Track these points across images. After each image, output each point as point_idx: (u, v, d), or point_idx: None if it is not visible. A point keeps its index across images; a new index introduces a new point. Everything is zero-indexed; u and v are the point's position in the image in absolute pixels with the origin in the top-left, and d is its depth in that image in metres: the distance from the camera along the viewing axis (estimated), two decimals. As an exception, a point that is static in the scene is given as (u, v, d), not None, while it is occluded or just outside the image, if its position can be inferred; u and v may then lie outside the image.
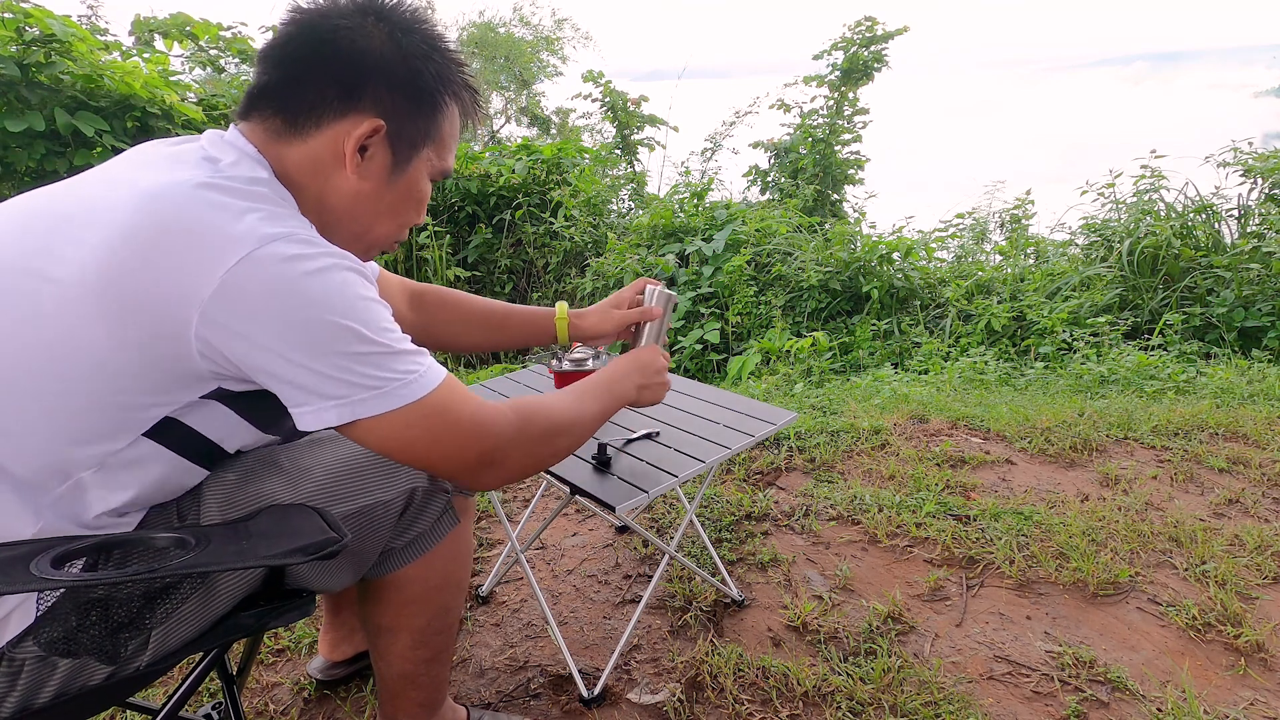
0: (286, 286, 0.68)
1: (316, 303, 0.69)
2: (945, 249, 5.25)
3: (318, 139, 0.80)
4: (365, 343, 0.71)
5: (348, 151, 0.80)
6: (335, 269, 0.72)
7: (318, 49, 0.78)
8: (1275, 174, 4.23)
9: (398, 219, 0.88)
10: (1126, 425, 2.42)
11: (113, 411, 0.71)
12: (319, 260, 0.71)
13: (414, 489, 0.91)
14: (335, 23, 0.78)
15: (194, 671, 0.83)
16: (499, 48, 15.69)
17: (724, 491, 2.06)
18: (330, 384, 0.71)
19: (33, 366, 0.68)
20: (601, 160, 5.96)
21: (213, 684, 1.34)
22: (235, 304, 0.67)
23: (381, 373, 0.72)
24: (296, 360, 0.69)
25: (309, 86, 0.78)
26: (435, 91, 0.83)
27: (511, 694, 1.34)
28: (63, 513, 0.73)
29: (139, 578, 0.66)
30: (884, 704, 1.26)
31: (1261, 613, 1.48)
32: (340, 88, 0.78)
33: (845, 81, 6.38)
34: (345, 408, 0.72)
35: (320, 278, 0.70)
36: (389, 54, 0.79)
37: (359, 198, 0.83)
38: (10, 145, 3.57)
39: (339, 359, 0.70)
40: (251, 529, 0.77)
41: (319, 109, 0.79)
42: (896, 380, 3.23)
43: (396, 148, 0.83)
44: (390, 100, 0.80)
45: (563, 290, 4.89)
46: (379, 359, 0.72)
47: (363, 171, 0.81)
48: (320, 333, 0.69)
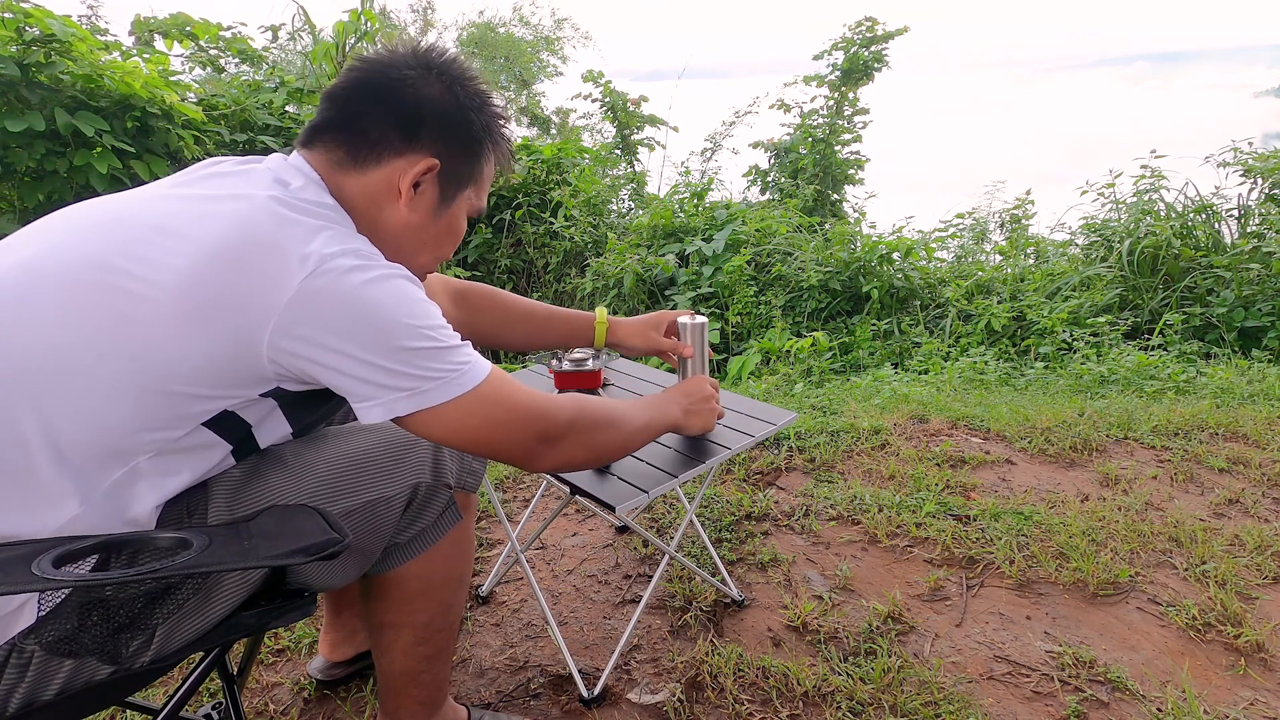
0: (353, 294, 0.76)
1: (380, 306, 0.77)
2: (945, 249, 5.25)
3: (377, 173, 0.88)
4: (424, 339, 0.79)
5: (403, 187, 0.88)
6: (392, 277, 0.80)
7: (382, 95, 0.88)
8: (1275, 174, 4.23)
9: (436, 250, 0.97)
10: (1126, 425, 2.42)
11: (180, 401, 0.76)
12: (378, 270, 0.79)
13: (417, 484, 0.92)
14: (400, 73, 0.88)
15: (195, 671, 0.83)
16: (499, 48, 15.68)
17: (724, 491, 2.06)
18: (396, 378, 0.78)
19: (108, 354, 0.72)
20: (601, 160, 5.96)
21: (213, 684, 1.34)
22: (308, 311, 0.75)
23: (440, 365, 0.80)
24: (364, 358, 0.77)
25: (373, 126, 0.87)
26: (482, 139, 0.93)
27: (511, 694, 1.34)
28: (111, 503, 0.75)
29: (140, 578, 0.66)
30: (884, 704, 1.26)
31: (1261, 613, 1.48)
32: (401, 129, 0.87)
33: (845, 81, 6.38)
34: (412, 399, 0.79)
35: (381, 285, 0.78)
36: (445, 102, 0.89)
37: (407, 228, 0.91)
38: (10, 145, 3.57)
39: (403, 354, 0.78)
40: (254, 529, 0.77)
41: (381, 147, 0.87)
42: (896, 380, 3.23)
43: (445, 186, 0.92)
44: (443, 143, 0.90)
45: (563, 290, 4.89)
46: (437, 353, 0.80)
47: (414, 205, 0.90)
48: (385, 332, 0.77)
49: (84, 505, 0.74)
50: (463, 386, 0.81)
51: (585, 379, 1.55)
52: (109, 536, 0.73)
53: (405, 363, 0.78)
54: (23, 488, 0.72)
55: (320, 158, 0.88)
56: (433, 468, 0.95)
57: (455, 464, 0.98)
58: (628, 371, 1.76)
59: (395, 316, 0.78)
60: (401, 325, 0.78)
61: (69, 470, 0.73)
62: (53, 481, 0.72)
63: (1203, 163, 4.53)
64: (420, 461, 0.93)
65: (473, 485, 1.01)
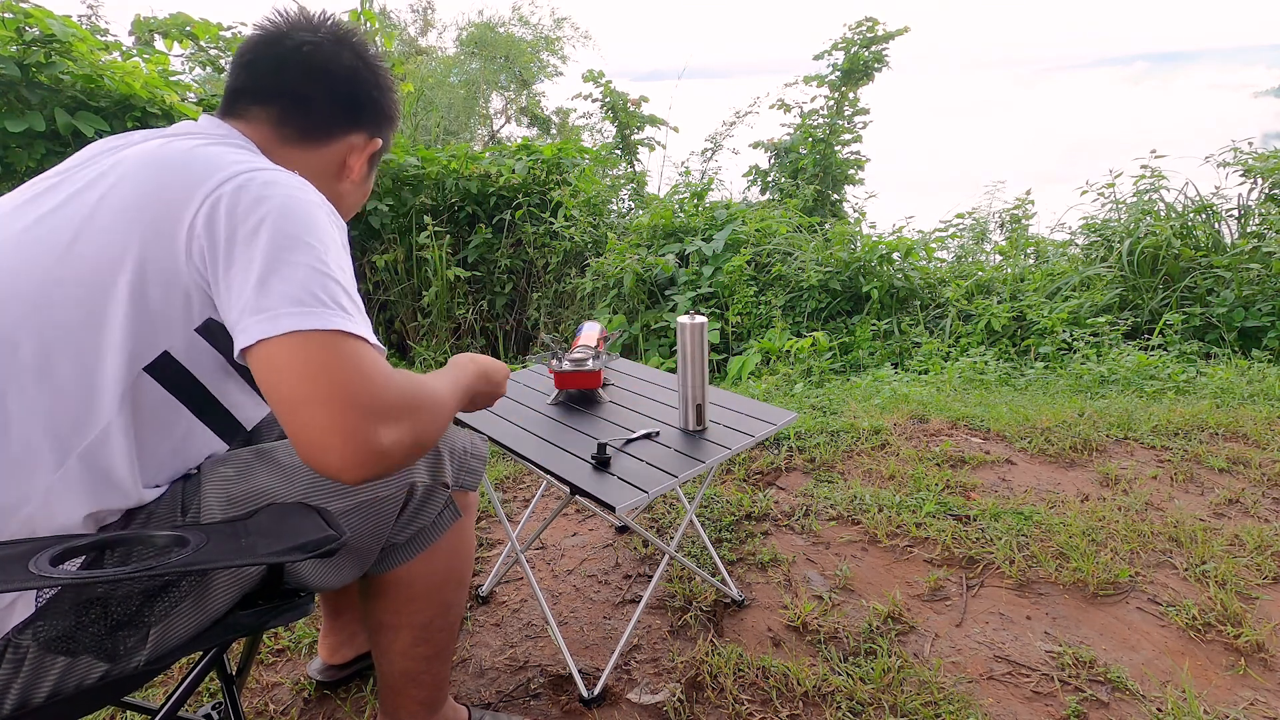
0: (273, 202, 0.76)
1: (294, 219, 0.76)
2: (945, 249, 5.24)
3: (327, 150, 0.96)
4: (322, 263, 0.75)
5: (354, 163, 0.99)
6: (320, 208, 0.81)
7: (318, 75, 0.93)
8: (1275, 174, 4.23)
9: (355, 210, 1.08)
10: (1126, 425, 2.42)
11: (116, 335, 0.74)
12: (308, 194, 0.80)
13: (413, 484, 0.92)
14: (331, 56, 0.94)
15: (193, 671, 0.83)
16: (498, 47, 15.68)
17: (724, 491, 2.06)
18: (268, 295, 0.72)
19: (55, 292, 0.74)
20: (601, 160, 5.95)
21: (212, 684, 1.34)
22: (227, 206, 0.75)
23: (323, 295, 0.73)
24: (252, 265, 0.73)
25: (319, 107, 0.94)
26: (395, 117, 1.04)
27: (511, 694, 1.34)
28: (91, 464, 0.74)
29: (137, 575, 0.66)
30: (884, 704, 1.26)
31: (1261, 613, 1.48)
32: (347, 112, 0.96)
33: (846, 81, 6.37)
34: (270, 321, 0.70)
35: (304, 206, 0.79)
36: (371, 84, 0.98)
37: (343, 196, 1.01)
38: (10, 145, 3.57)
39: (294, 270, 0.73)
40: (250, 527, 0.77)
41: (331, 126, 0.95)
42: (896, 380, 3.23)
43: (372, 160, 1.03)
44: (376, 123, 1.00)
45: (563, 290, 4.89)
46: (327, 283, 0.74)
47: (353, 178, 1.00)
48: (286, 243, 0.74)
49: (60, 468, 0.73)
50: (327, 322, 0.71)
51: (585, 379, 1.55)
52: (108, 536, 0.73)
53: (287, 279, 0.72)
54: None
55: (261, 131, 0.91)
56: (430, 467, 0.94)
57: (453, 463, 0.97)
58: (628, 371, 1.76)
59: (305, 235, 0.75)
60: (306, 245, 0.75)
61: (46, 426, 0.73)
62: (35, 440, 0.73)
63: (1203, 163, 4.52)
64: (420, 461, 0.93)
65: (471, 484, 1.01)
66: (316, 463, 0.70)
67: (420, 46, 15.88)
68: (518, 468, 2.30)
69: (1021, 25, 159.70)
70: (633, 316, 4.38)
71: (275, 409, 0.71)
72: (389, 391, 0.73)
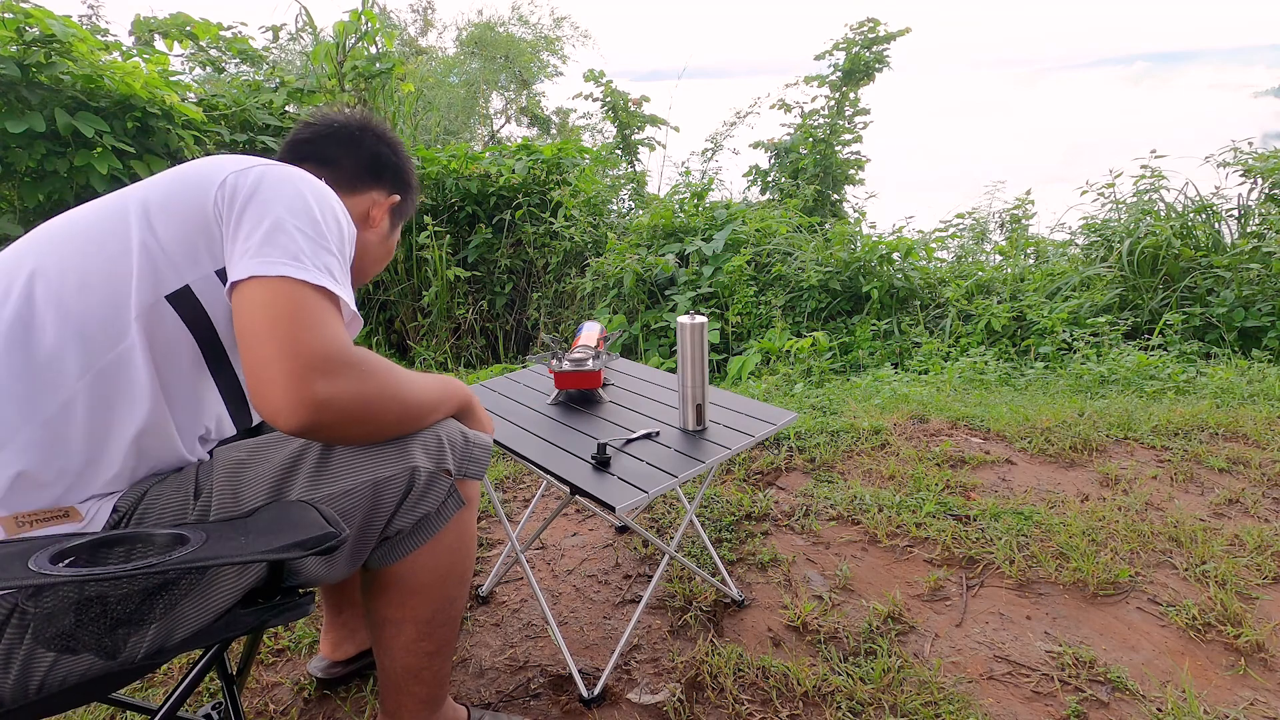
0: (296, 179, 0.90)
1: (309, 194, 0.88)
2: (945, 249, 5.24)
3: (352, 200, 1.12)
4: (317, 231, 0.86)
5: (376, 214, 1.15)
6: (336, 200, 0.93)
7: (347, 141, 1.14)
8: (1275, 174, 4.23)
9: (379, 266, 1.21)
10: (1126, 425, 2.42)
11: (157, 257, 0.85)
12: (328, 188, 0.94)
13: (415, 468, 0.91)
14: (357, 128, 1.16)
15: (193, 671, 0.83)
16: (498, 47, 15.68)
17: (724, 491, 2.06)
18: (269, 246, 0.81)
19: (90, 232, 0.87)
20: (602, 160, 5.95)
21: (212, 684, 1.34)
22: (256, 175, 0.89)
23: (315, 258, 0.83)
24: (260, 218, 0.84)
25: (349, 164, 1.13)
26: (413, 185, 1.23)
27: (511, 694, 1.34)
28: (110, 378, 0.82)
29: (137, 573, 0.66)
30: (884, 704, 1.26)
31: (1261, 613, 1.48)
32: (371, 170, 1.15)
33: (846, 82, 6.38)
34: (264, 264, 0.80)
35: (322, 190, 0.92)
36: (390, 154, 1.17)
37: (366, 248, 1.14)
38: (10, 146, 3.57)
39: (294, 233, 0.83)
40: (250, 525, 0.77)
41: (356, 180, 1.13)
42: (896, 380, 3.23)
43: (393, 218, 1.20)
44: (395, 185, 1.18)
45: (563, 290, 4.89)
46: (321, 252, 0.84)
47: (376, 230, 1.15)
48: (295, 206, 0.85)
49: (87, 370, 0.81)
50: (308, 274, 0.81)
51: (585, 379, 1.55)
52: (107, 535, 0.73)
53: (292, 238, 0.82)
54: None
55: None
56: (432, 453, 0.94)
57: (456, 451, 0.97)
58: (628, 371, 1.76)
59: (313, 207, 0.87)
60: (312, 214, 0.86)
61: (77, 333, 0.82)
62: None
63: (1203, 163, 4.52)
64: (421, 446, 0.93)
65: (476, 473, 0.99)
66: (259, 400, 0.78)
67: (420, 46, 15.88)
68: (518, 468, 2.30)
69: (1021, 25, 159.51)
70: (633, 316, 4.38)
71: (239, 341, 0.79)
72: (336, 347, 0.80)
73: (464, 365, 4.86)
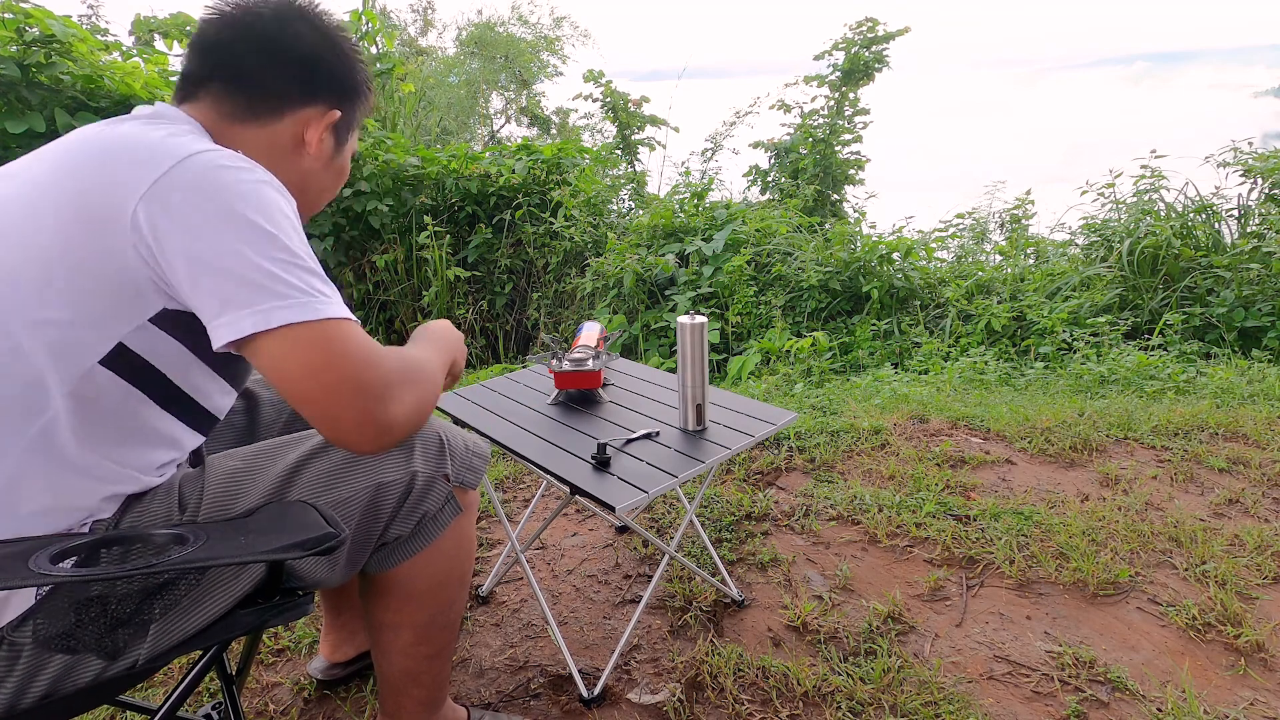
0: (218, 187, 0.74)
1: (245, 203, 0.74)
2: (945, 249, 5.24)
3: (279, 125, 0.90)
4: (285, 251, 0.74)
5: (311, 138, 0.93)
6: (268, 186, 0.77)
7: (269, 47, 0.89)
8: (1275, 174, 4.23)
9: (331, 193, 1.02)
10: (1126, 425, 2.42)
11: (69, 331, 0.73)
12: (254, 174, 0.77)
13: (414, 472, 0.92)
14: (278, 25, 0.89)
15: (192, 671, 0.83)
16: (498, 47, 15.69)
17: (724, 491, 2.06)
18: (247, 289, 0.71)
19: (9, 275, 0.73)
20: (602, 160, 5.95)
21: (212, 684, 1.34)
22: (169, 197, 0.72)
23: (298, 282, 0.74)
24: (217, 261, 0.72)
25: (270, 80, 0.89)
26: (363, 87, 0.99)
27: (511, 694, 1.34)
28: (39, 447, 0.73)
29: (136, 573, 0.66)
30: (884, 704, 1.26)
31: (1261, 613, 1.48)
32: (300, 83, 0.91)
33: (846, 82, 6.38)
34: (260, 315, 0.71)
35: (251, 187, 0.76)
36: (331, 54, 0.93)
37: (308, 176, 0.96)
38: (10, 146, 3.57)
39: (260, 260, 0.72)
40: (250, 525, 0.77)
41: (282, 100, 0.90)
42: (896, 380, 3.23)
43: (339, 134, 0.97)
44: (336, 95, 0.95)
45: (563, 290, 4.89)
46: (297, 270, 0.74)
47: (317, 154, 0.95)
48: (244, 232, 0.73)
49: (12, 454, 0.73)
50: (318, 313, 0.73)
51: (585, 379, 1.55)
52: (106, 535, 0.73)
53: (258, 270, 0.72)
54: None
55: (208, 111, 0.87)
56: (434, 458, 0.94)
57: (455, 458, 0.97)
58: (628, 371, 1.76)
59: (258, 219, 0.73)
60: (262, 230, 0.73)
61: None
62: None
63: (1203, 163, 4.52)
64: (421, 450, 0.93)
65: (472, 481, 1.00)
66: (338, 444, 0.76)
67: (420, 46, 15.88)
68: (518, 468, 2.30)
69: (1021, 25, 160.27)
70: (633, 316, 4.38)
71: (288, 400, 0.74)
72: (388, 369, 0.77)
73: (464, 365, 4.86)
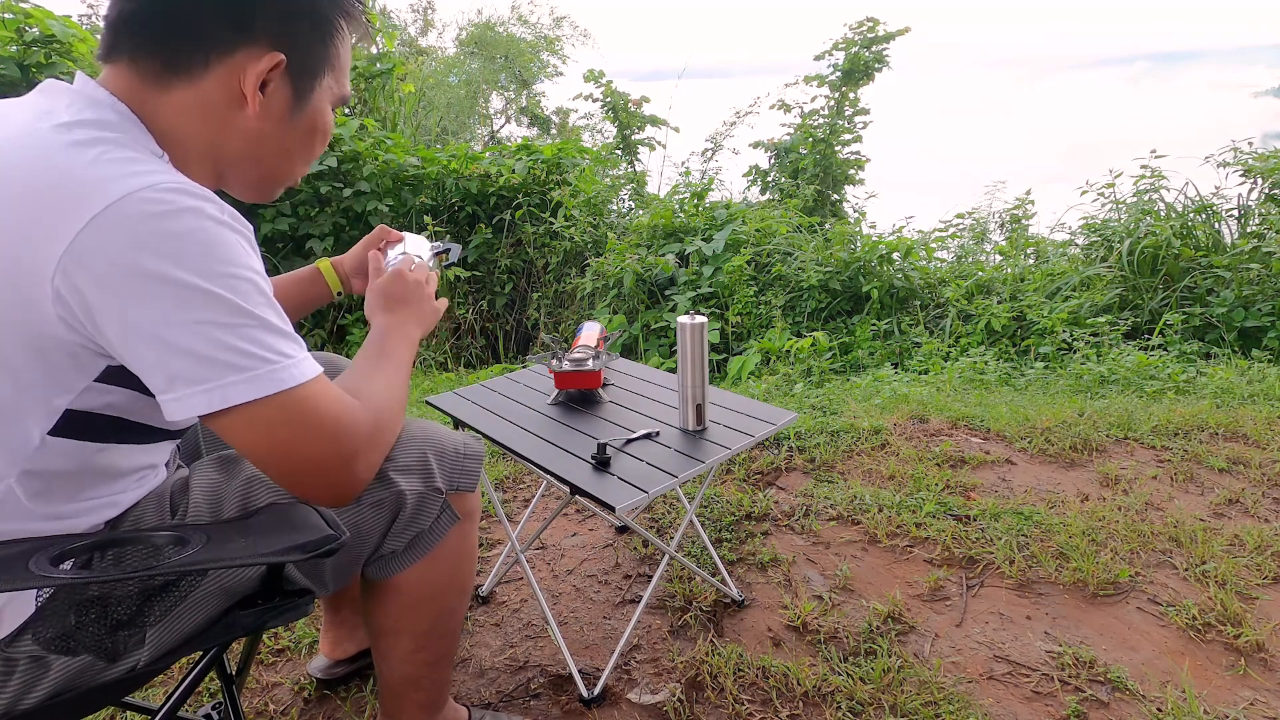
0: (152, 242, 0.62)
1: (185, 260, 0.62)
2: (945, 249, 5.25)
3: (208, 79, 0.72)
4: (234, 312, 0.64)
5: (248, 89, 0.73)
6: (214, 226, 0.65)
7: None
8: (1275, 174, 4.23)
9: (305, 155, 0.83)
10: (1126, 425, 2.42)
11: (8, 410, 0.66)
12: (197, 215, 0.64)
13: (401, 492, 0.89)
14: None
15: (192, 671, 0.83)
16: (498, 47, 15.69)
17: (724, 491, 2.06)
18: (192, 364, 0.63)
19: None
20: (602, 160, 5.95)
21: (212, 684, 1.34)
22: (94, 259, 0.61)
23: (250, 348, 0.65)
24: (155, 331, 0.62)
25: (192, 20, 0.71)
26: (330, 15, 0.78)
27: (511, 694, 1.34)
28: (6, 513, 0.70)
29: (137, 575, 0.66)
30: (884, 704, 1.26)
31: (1261, 613, 1.48)
32: (230, 20, 0.71)
33: (846, 82, 6.38)
34: (214, 392, 0.64)
35: (193, 234, 0.63)
36: None
37: (262, 139, 0.78)
38: (10, 145, 3.57)
39: (205, 329, 0.63)
40: (251, 527, 0.77)
41: (207, 45, 0.71)
42: (896, 380, 3.23)
43: (297, 80, 0.77)
44: (284, 30, 0.74)
45: (563, 290, 4.89)
46: (249, 332, 0.65)
47: (264, 111, 0.76)
48: (184, 295, 0.62)
49: None
50: (274, 384, 0.66)
51: (585, 379, 1.55)
52: (108, 536, 0.73)
53: (208, 341, 0.63)
54: None
55: (124, 73, 0.72)
56: (420, 474, 0.90)
57: (445, 467, 0.93)
58: (628, 371, 1.76)
59: (202, 283, 0.63)
60: (208, 294, 0.63)
61: None
62: None
63: (1203, 163, 4.52)
64: (404, 471, 0.89)
65: (468, 485, 0.97)
66: (316, 502, 0.75)
67: (420, 46, 15.88)
68: (518, 468, 2.30)
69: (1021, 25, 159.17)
70: (633, 316, 4.38)
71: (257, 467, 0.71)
72: (360, 434, 0.73)
73: (464, 365, 4.86)
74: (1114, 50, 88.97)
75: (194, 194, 0.65)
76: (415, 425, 0.94)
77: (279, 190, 0.86)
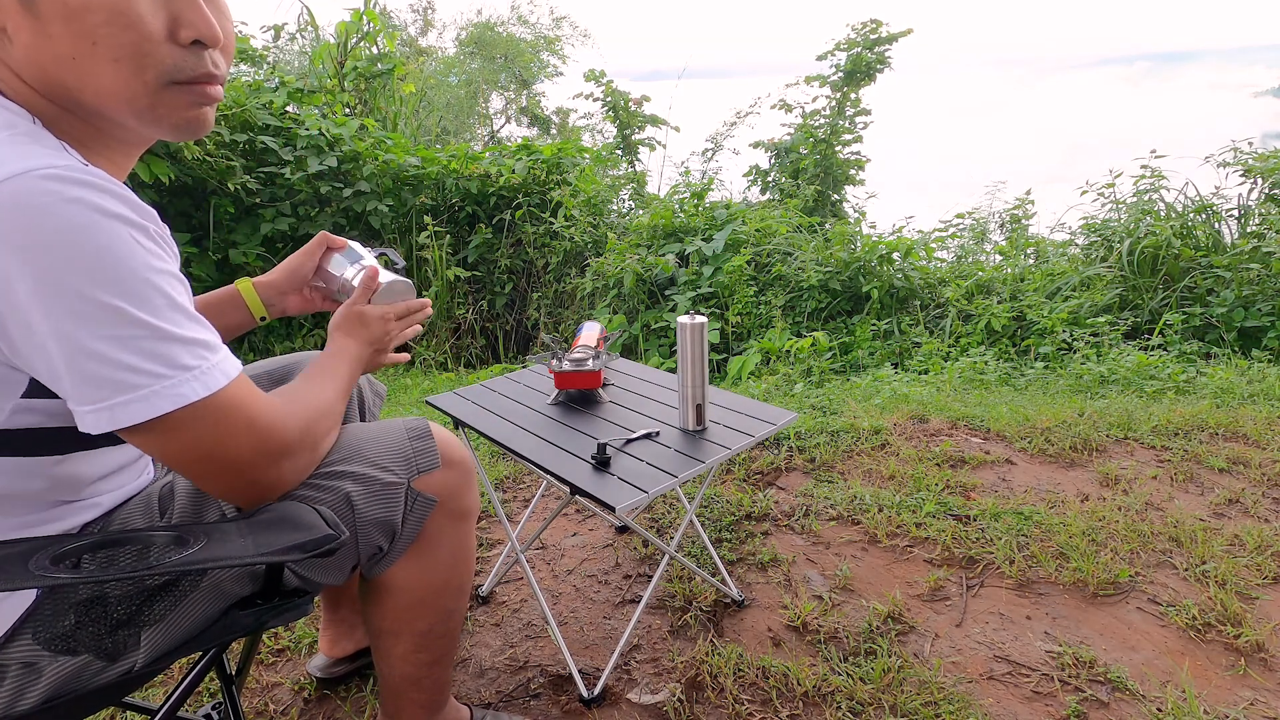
0: (34, 244, 0.56)
1: (71, 264, 0.57)
2: (945, 249, 5.25)
3: None
4: (128, 323, 0.59)
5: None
6: (103, 219, 0.58)
7: None
8: (1275, 174, 4.23)
9: (94, 49, 0.63)
10: (1126, 425, 2.42)
11: None
12: (83, 206, 0.57)
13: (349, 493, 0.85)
14: None
15: (192, 671, 0.83)
16: (498, 47, 15.69)
17: (724, 491, 2.06)
18: (85, 383, 0.59)
19: None
20: (602, 160, 5.95)
21: (212, 684, 1.34)
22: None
23: (146, 364, 0.60)
24: (46, 346, 0.58)
25: None
26: None
27: (511, 694, 1.34)
28: None
29: (136, 575, 0.66)
30: (884, 704, 1.26)
31: (1261, 613, 1.48)
32: None
33: (847, 82, 6.38)
34: (102, 413, 0.60)
35: (76, 233, 0.57)
36: None
37: (42, 62, 0.63)
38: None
39: (96, 345, 0.58)
40: (250, 526, 0.77)
41: None
42: (896, 380, 3.23)
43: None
44: None
45: (563, 290, 4.89)
46: (150, 343, 0.60)
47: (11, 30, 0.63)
48: (75, 305, 0.57)
49: None
50: (175, 399, 0.62)
51: (585, 379, 1.55)
52: (106, 535, 0.73)
53: (96, 359, 0.58)
54: None
55: None
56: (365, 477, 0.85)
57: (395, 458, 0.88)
58: (628, 371, 1.76)
59: (92, 290, 0.57)
60: (100, 304, 0.58)
61: None
62: None
63: (1203, 163, 4.52)
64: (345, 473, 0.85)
65: (429, 464, 0.90)
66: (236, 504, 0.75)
67: (420, 46, 15.88)
68: (518, 468, 2.30)
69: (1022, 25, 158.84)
70: (633, 316, 4.38)
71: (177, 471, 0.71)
72: (283, 430, 0.73)
73: (464, 365, 4.86)
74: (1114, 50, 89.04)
75: (78, 181, 0.58)
76: (353, 428, 0.91)
77: (147, 110, 0.68)
